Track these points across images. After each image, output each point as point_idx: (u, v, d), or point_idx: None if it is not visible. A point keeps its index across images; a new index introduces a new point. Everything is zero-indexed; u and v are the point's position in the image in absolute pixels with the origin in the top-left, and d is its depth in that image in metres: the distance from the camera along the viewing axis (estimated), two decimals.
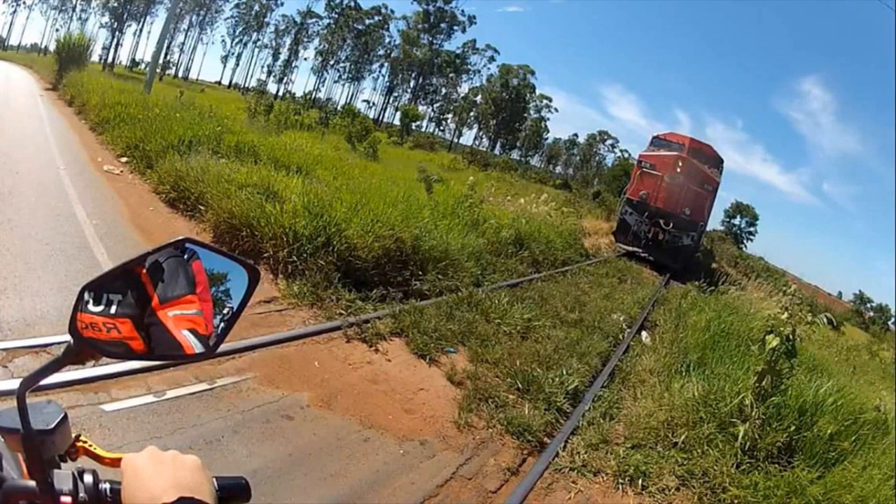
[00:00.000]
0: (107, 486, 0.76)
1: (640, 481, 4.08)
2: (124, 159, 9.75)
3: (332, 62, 31.90)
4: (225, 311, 0.96)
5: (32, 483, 0.74)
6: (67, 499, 0.74)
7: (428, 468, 3.72)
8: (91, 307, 0.83)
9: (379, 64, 32.65)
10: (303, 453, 3.45)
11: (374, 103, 32.57)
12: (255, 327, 4.74)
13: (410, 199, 8.90)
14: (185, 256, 0.93)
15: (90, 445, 0.85)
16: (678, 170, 18.13)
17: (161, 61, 26.99)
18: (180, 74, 31.20)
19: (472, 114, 32.59)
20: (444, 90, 32.26)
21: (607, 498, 3.94)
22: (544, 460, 4.09)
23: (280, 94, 30.10)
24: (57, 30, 28.46)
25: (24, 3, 28.78)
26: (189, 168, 7.93)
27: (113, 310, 0.85)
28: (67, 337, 0.79)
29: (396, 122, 30.31)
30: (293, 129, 20.42)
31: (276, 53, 31.92)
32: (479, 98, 32.71)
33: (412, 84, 32.13)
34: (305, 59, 32.43)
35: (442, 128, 32.60)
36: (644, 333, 7.99)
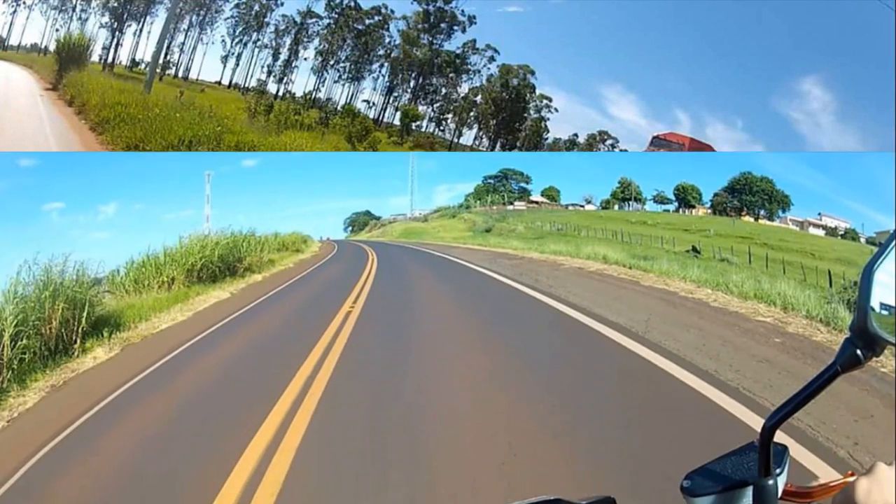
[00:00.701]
0: None
1: None
2: None
3: (332, 62, 31.91)
4: None
5: None
6: None
7: None
8: None
9: (379, 64, 32.63)
10: None
11: (374, 103, 32.56)
12: None
13: None
14: None
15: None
16: None
17: (161, 61, 27.03)
18: (180, 74, 31.20)
19: (472, 114, 32.61)
20: (444, 90, 32.26)
21: None
22: None
23: (280, 94, 30.11)
24: (57, 30, 28.43)
25: (24, 3, 28.78)
26: None
27: None
28: None
29: (396, 122, 30.28)
30: (293, 129, 20.40)
31: (276, 53, 31.87)
32: (479, 98, 32.69)
33: (412, 84, 32.18)
34: (305, 59, 32.32)
35: (442, 128, 32.59)
36: None
